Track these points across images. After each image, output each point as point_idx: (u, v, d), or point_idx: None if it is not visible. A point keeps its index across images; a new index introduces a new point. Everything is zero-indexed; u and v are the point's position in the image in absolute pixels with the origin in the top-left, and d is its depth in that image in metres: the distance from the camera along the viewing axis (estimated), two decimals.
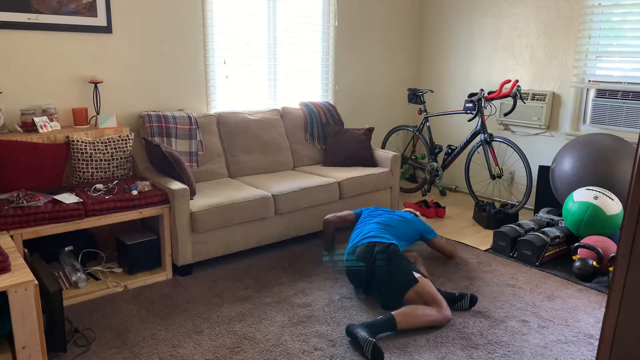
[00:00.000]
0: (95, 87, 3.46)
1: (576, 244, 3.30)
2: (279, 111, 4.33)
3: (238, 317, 2.72)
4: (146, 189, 3.06)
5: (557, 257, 3.55)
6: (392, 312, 2.56)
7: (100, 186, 3.03)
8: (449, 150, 4.70)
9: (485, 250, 3.69)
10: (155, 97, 3.78)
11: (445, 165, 4.73)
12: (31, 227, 2.65)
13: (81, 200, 2.84)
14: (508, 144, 4.14)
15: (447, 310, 2.64)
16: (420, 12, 5.42)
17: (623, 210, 2.47)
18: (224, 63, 4.09)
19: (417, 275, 2.70)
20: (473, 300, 2.81)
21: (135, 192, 2.99)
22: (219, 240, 3.30)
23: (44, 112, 3.23)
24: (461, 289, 3.06)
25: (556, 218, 3.83)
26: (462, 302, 2.81)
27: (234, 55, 4.13)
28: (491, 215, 4.14)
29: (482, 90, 4.31)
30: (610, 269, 3.19)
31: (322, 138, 4.42)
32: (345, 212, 3.45)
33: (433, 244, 3.41)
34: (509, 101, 4.62)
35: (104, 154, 3.25)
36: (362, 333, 2.41)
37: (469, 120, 4.37)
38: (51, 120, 3.22)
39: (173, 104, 3.88)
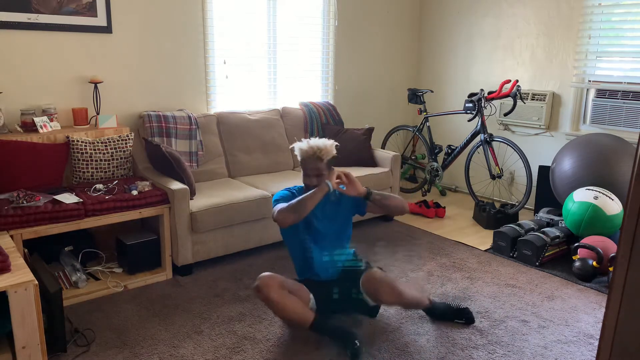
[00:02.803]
0: (95, 87, 3.46)
1: (576, 244, 3.30)
2: (279, 111, 4.33)
3: (238, 317, 2.72)
4: (146, 189, 3.06)
5: (557, 257, 3.55)
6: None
7: (100, 186, 3.03)
8: (449, 150, 4.70)
9: (485, 250, 3.69)
10: (155, 97, 3.78)
11: (445, 165, 4.73)
12: (31, 227, 2.65)
13: (81, 200, 2.84)
14: (508, 144, 4.14)
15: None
16: (420, 12, 5.42)
17: (623, 210, 2.47)
18: (224, 63, 4.09)
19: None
20: (470, 319, 2.71)
21: (135, 192, 2.99)
22: (219, 240, 3.30)
23: (44, 112, 3.23)
24: (461, 289, 3.06)
25: (556, 218, 3.83)
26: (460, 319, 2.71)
27: (234, 55, 4.13)
28: (491, 215, 4.14)
29: (482, 90, 4.31)
30: (610, 269, 3.19)
31: (322, 138, 4.42)
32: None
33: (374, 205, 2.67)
34: (509, 101, 4.61)
35: (104, 154, 3.25)
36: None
37: (469, 120, 4.38)
38: (51, 120, 3.22)
39: (173, 104, 3.88)
